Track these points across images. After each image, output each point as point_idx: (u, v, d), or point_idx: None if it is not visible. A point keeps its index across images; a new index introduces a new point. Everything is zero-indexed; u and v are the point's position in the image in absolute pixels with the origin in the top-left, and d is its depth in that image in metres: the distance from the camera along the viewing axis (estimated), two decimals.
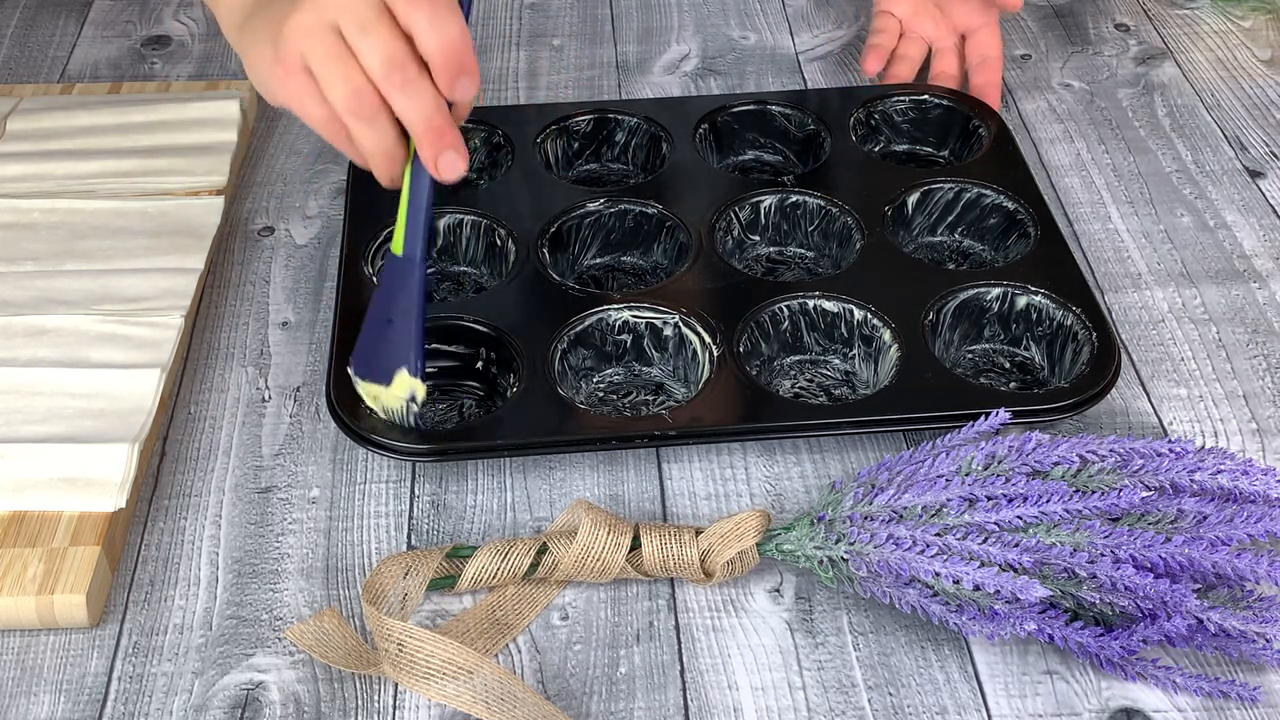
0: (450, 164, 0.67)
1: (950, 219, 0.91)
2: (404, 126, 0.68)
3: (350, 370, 0.75)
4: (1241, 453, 0.78)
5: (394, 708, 0.66)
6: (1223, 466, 0.69)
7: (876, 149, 0.99)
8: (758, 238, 0.91)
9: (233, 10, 0.74)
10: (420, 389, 0.72)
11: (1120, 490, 0.66)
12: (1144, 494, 0.67)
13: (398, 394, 0.73)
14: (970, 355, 0.84)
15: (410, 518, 0.75)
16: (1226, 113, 1.05)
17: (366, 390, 0.74)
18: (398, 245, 0.72)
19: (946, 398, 0.76)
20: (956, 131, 0.99)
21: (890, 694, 0.66)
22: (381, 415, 0.74)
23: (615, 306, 0.81)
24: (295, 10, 0.66)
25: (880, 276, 0.84)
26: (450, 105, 0.68)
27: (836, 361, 0.83)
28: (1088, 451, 0.68)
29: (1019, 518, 0.66)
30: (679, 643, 0.69)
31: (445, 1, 0.64)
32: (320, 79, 0.67)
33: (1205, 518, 0.67)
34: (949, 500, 0.67)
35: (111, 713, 0.66)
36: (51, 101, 1.00)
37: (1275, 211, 0.95)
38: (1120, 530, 0.65)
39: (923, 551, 0.65)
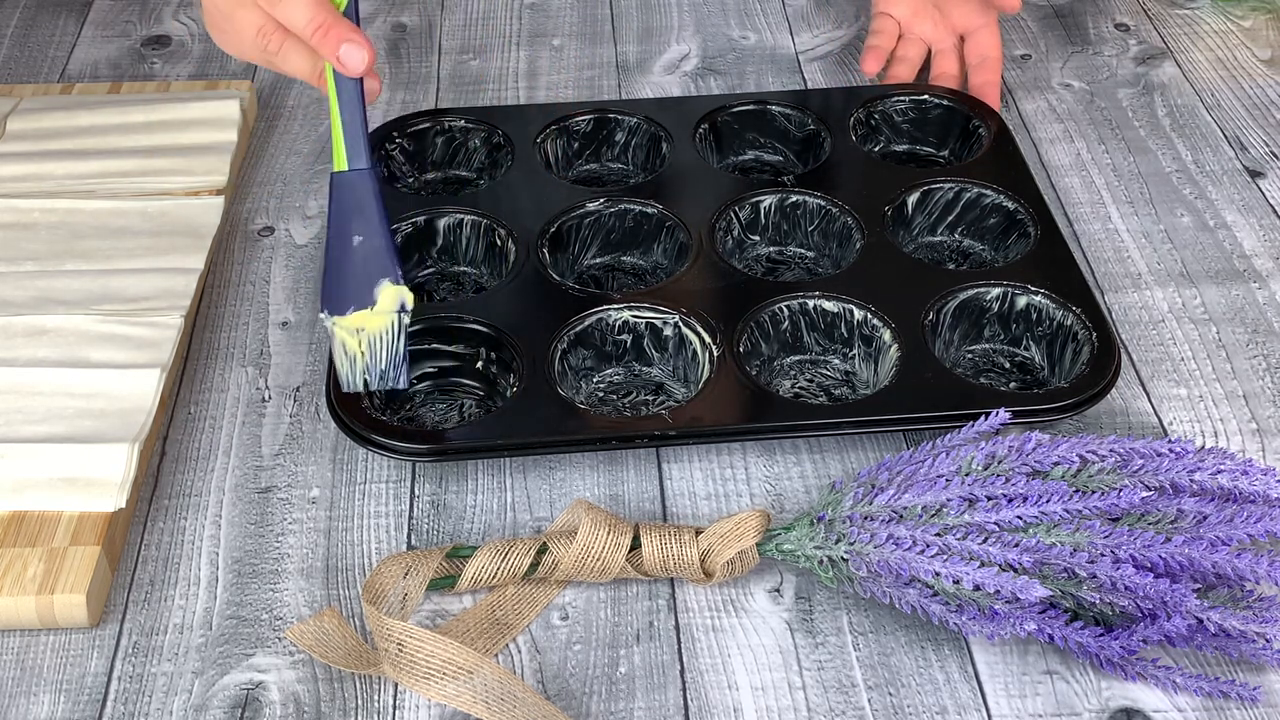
0: (350, 55, 0.69)
1: (950, 219, 0.91)
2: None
3: (324, 315, 0.70)
4: (1241, 453, 0.78)
5: (394, 708, 0.66)
6: (1223, 466, 0.68)
7: (876, 149, 0.99)
8: (758, 238, 0.91)
9: None
10: (408, 295, 0.69)
11: (1120, 490, 0.66)
12: (1144, 494, 0.67)
13: (386, 308, 0.69)
14: (970, 355, 0.84)
15: (410, 518, 0.75)
16: (1226, 113, 1.05)
17: (349, 324, 0.69)
18: (341, 161, 0.69)
19: (946, 398, 0.76)
20: (956, 131, 0.99)
21: (890, 694, 0.66)
22: (366, 356, 0.69)
23: (615, 306, 0.81)
24: None
25: (880, 276, 0.84)
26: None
27: (836, 361, 0.83)
28: (1088, 451, 0.68)
29: (1019, 518, 0.66)
30: (679, 643, 0.69)
31: None
32: (232, 25, 0.71)
33: (1205, 518, 0.67)
34: (949, 500, 0.67)
35: (111, 713, 0.66)
36: (51, 101, 1.00)
37: (1275, 211, 0.95)
38: (1120, 530, 0.65)
39: (923, 551, 0.65)
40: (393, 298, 0.69)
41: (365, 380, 0.71)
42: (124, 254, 0.87)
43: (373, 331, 0.70)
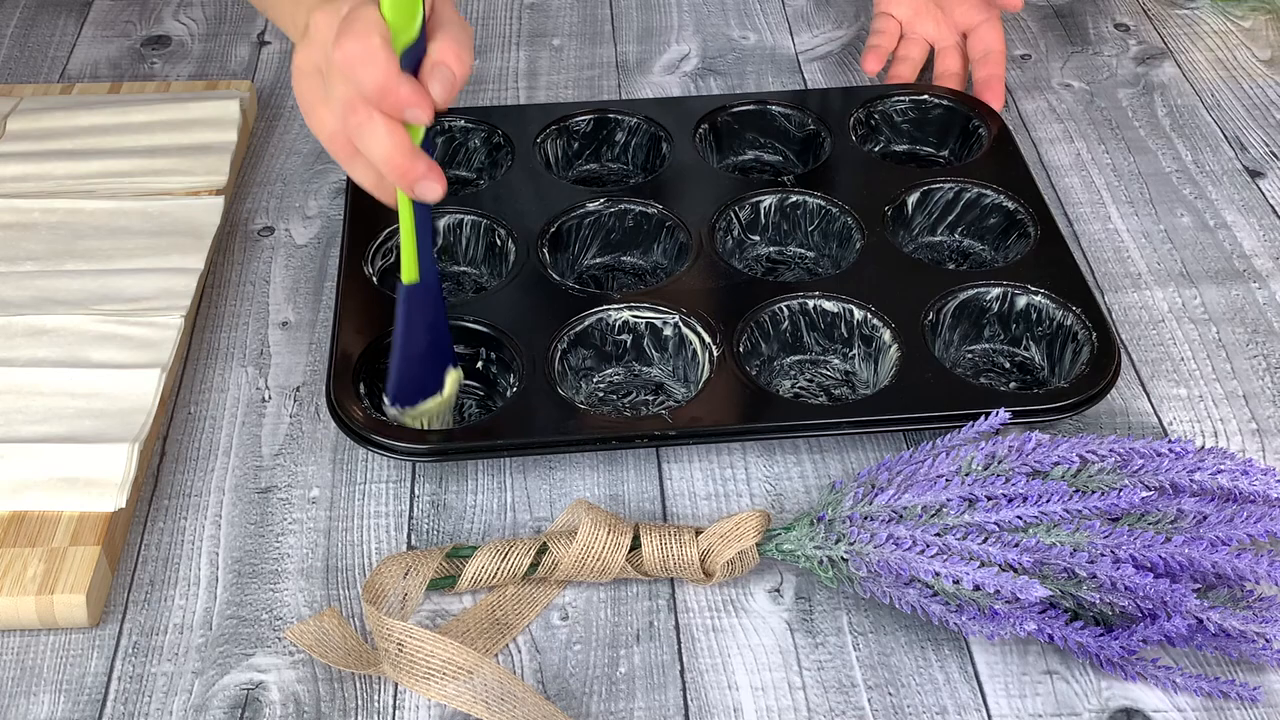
0: (427, 191, 0.68)
1: (950, 219, 0.91)
2: None
3: (395, 409, 0.74)
4: (1241, 453, 0.78)
5: (394, 708, 0.66)
6: (1223, 466, 0.68)
7: (876, 149, 0.99)
8: (758, 238, 0.91)
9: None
10: (459, 371, 0.76)
11: (1120, 490, 0.66)
12: (1144, 494, 0.67)
13: (451, 390, 0.75)
14: (970, 355, 0.84)
15: (410, 518, 0.75)
16: (1226, 113, 1.05)
17: (417, 413, 0.75)
18: (411, 274, 0.72)
19: (946, 398, 0.76)
20: (956, 131, 0.99)
21: (890, 694, 0.66)
22: (429, 423, 0.76)
23: (615, 306, 0.81)
24: (299, 45, 0.69)
25: (880, 276, 0.84)
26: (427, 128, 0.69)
27: (836, 361, 0.83)
28: (1088, 451, 0.68)
29: (1019, 518, 0.66)
30: (679, 643, 0.69)
31: (365, 44, 0.64)
32: (310, 120, 0.70)
33: (1205, 518, 0.67)
34: (949, 500, 0.67)
35: (111, 713, 0.66)
36: (51, 101, 1.00)
37: (1275, 211, 0.95)
38: (1120, 530, 0.65)
39: (923, 551, 0.65)
40: (455, 381, 0.76)
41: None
42: (124, 254, 0.87)
43: (440, 410, 0.76)
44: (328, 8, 0.67)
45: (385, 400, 0.75)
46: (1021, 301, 0.83)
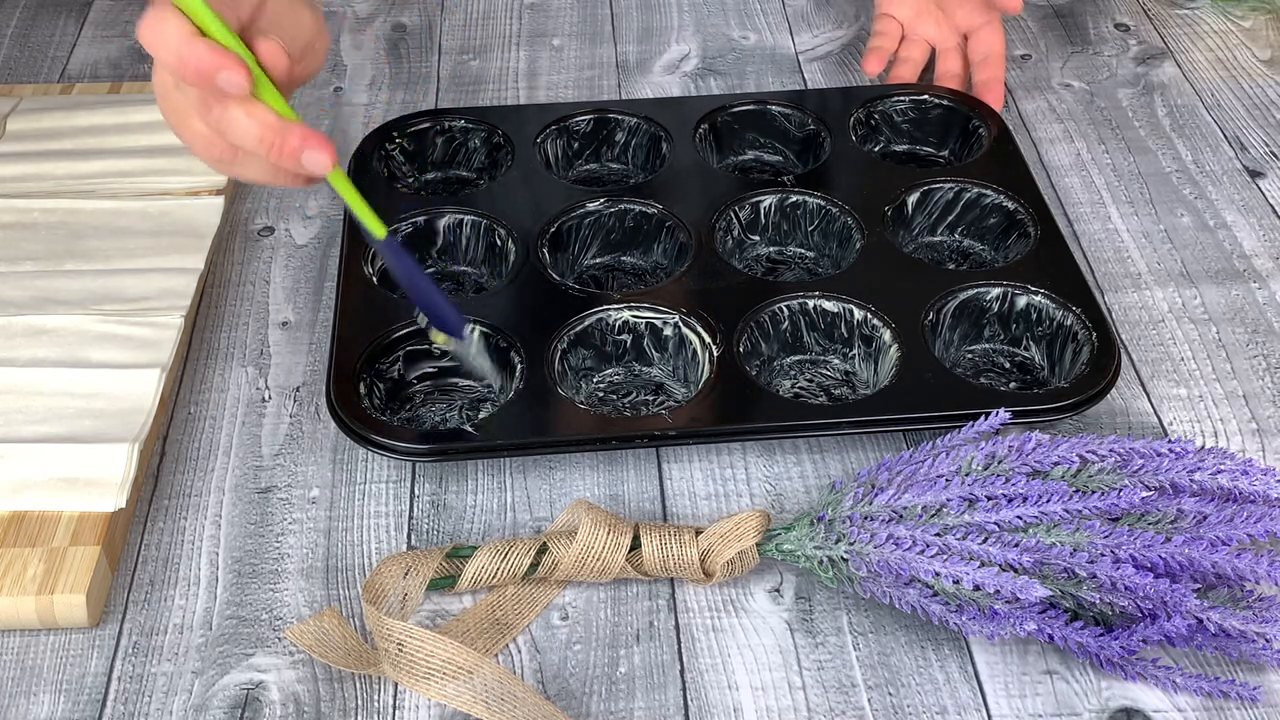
0: (314, 163, 0.66)
1: (950, 219, 0.91)
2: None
3: (470, 329, 0.75)
4: (1241, 453, 0.78)
5: (394, 708, 0.66)
6: (1223, 466, 0.68)
7: (876, 149, 0.99)
8: (758, 238, 0.91)
9: None
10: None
11: (1120, 490, 0.66)
12: (1144, 494, 0.67)
13: (476, 340, 0.76)
14: (970, 355, 0.84)
15: (410, 518, 0.75)
16: (1226, 113, 1.05)
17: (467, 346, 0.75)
18: (380, 229, 0.70)
19: (946, 398, 0.76)
20: (956, 131, 0.99)
21: (890, 694, 0.66)
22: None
23: (615, 306, 0.81)
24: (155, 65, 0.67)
25: (880, 276, 0.84)
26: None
27: (836, 361, 0.83)
28: (1088, 451, 0.68)
29: (1019, 518, 0.66)
30: (679, 643, 0.69)
31: (155, 23, 0.63)
32: (183, 137, 0.67)
33: (1205, 518, 0.67)
34: (949, 500, 0.67)
35: (111, 713, 0.66)
36: (51, 101, 1.00)
37: (1275, 211, 0.95)
38: (1120, 530, 0.65)
39: (923, 551, 0.65)
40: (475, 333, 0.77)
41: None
42: (124, 254, 0.87)
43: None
44: (144, 20, 0.65)
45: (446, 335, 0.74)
46: (1021, 301, 0.83)
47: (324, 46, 0.69)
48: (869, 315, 0.81)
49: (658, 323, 0.81)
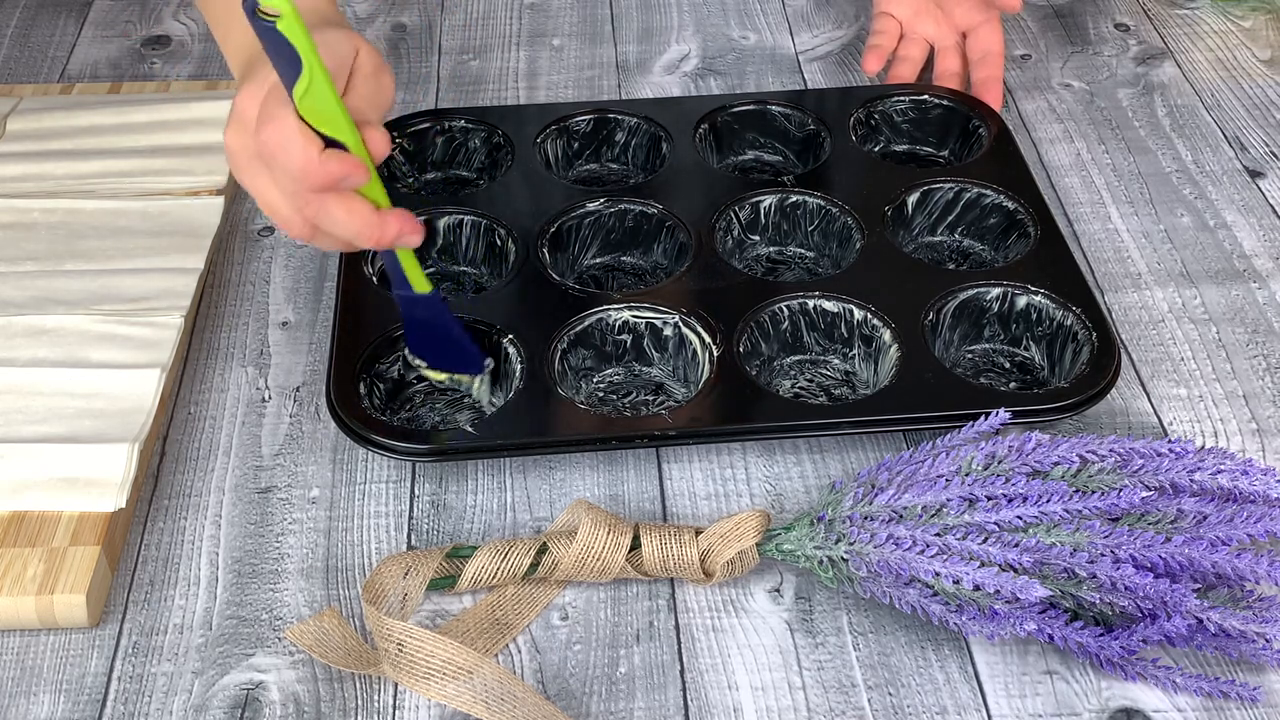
0: (407, 242, 0.69)
1: (950, 219, 0.91)
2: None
3: (418, 361, 0.78)
4: (1241, 453, 0.78)
5: (394, 708, 0.66)
6: (1223, 466, 0.68)
7: (876, 149, 0.99)
8: (758, 238, 0.91)
9: (234, 63, 0.75)
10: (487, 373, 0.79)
11: (1120, 490, 0.66)
12: (1144, 494, 0.67)
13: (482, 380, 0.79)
14: (970, 355, 0.84)
15: (410, 518, 0.75)
16: (1226, 113, 1.05)
17: (444, 376, 0.78)
18: (424, 284, 0.74)
19: (946, 398, 0.76)
20: (956, 131, 0.99)
21: (890, 694, 0.66)
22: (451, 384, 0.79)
23: (615, 306, 0.81)
24: (230, 124, 0.66)
25: (880, 276, 0.84)
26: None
27: (836, 361, 0.83)
28: (1088, 451, 0.68)
29: (1019, 518, 0.66)
30: (679, 643, 0.69)
31: (281, 128, 0.63)
32: (264, 206, 0.68)
33: (1205, 518, 0.67)
34: (949, 500, 0.67)
35: (111, 713, 0.66)
36: (51, 101, 1.00)
37: (1275, 211, 0.95)
38: (1120, 530, 0.65)
39: (923, 551, 0.65)
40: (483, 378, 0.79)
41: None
42: (124, 254, 0.87)
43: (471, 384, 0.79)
44: (249, 86, 0.66)
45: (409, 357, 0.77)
46: (1021, 301, 0.83)
47: (393, 98, 0.70)
48: (869, 315, 0.81)
49: (658, 323, 0.81)
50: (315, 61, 0.61)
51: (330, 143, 0.64)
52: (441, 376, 0.78)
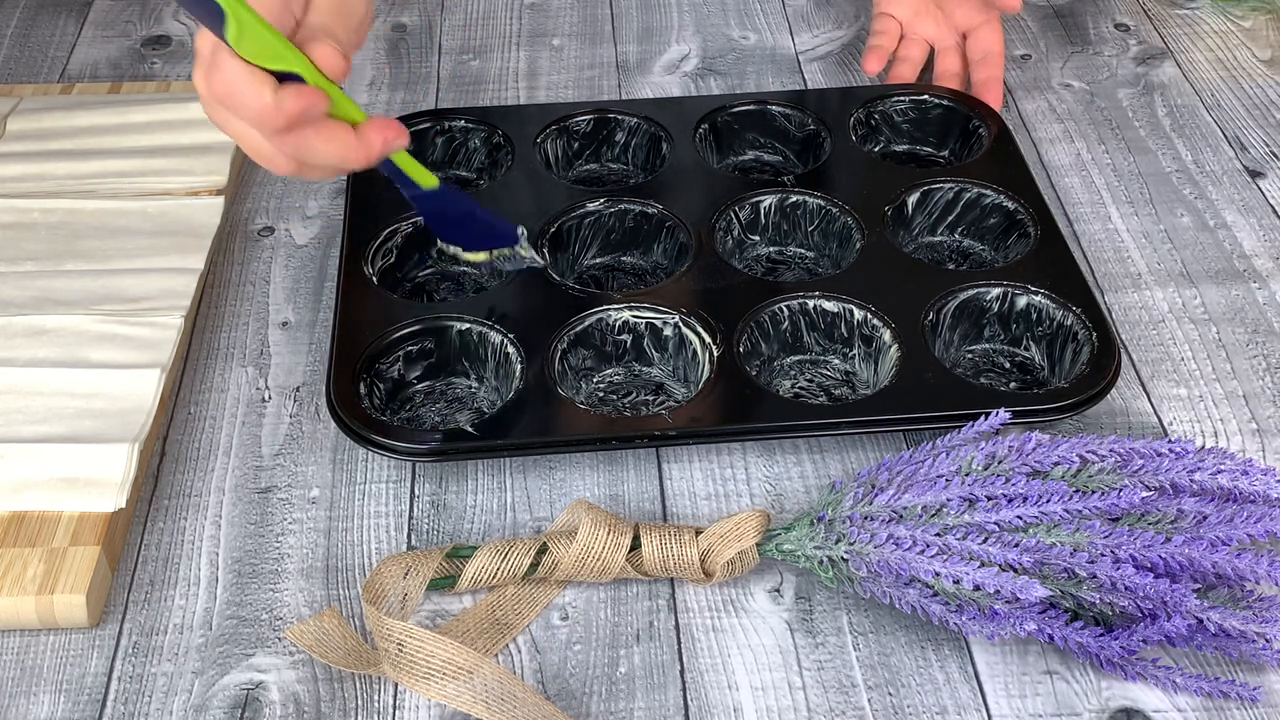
0: (394, 148, 0.68)
1: (950, 219, 0.91)
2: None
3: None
4: (1241, 453, 0.78)
5: (394, 708, 0.66)
6: (1223, 466, 0.68)
7: (876, 149, 0.99)
8: (758, 238, 0.91)
9: None
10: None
11: (1120, 490, 0.66)
12: (1144, 494, 0.67)
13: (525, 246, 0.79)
14: (970, 355, 0.84)
15: (410, 518, 0.75)
16: (1226, 113, 1.05)
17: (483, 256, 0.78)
18: (430, 179, 0.73)
19: (946, 398, 0.76)
20: (956, 131, 0.99)
21: (890, 694, 0.66)
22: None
23: (615, 306, 0.81)
24: (195, 70, 0.65)
25: (880, 276, 0.84)
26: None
27: (836, 361, 0.83)
28: (1088, 451, 0.68)
29: (1019, 518, 0.66)
30: (679, 643, 0.69)
31: (227, 76, 0.62)
32: (245, 149, 0.66)
33: (1205, 518, 0.67)
34: (949, 500, 0.67)
35: (111, 713, 0.66)
36: (51, 101, 1.00)
37: (1275, 211, 0.95)
38: (1120, 530, 0.65)
39: (923, 551, 0.65)
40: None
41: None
42: (124, 254, 0.87)
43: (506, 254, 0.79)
44: (201, 33, 0.64)
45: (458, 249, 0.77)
46: (1021, 301, 0.83)
47: (371, 12, 0.69)
48: (869, 315, 0.81)
49: (658, 323, 0.81)
50: (237, 5, 0.60)
51: (285, 76, 0.62)
52: (482, 256, 0.77)
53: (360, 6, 0.68)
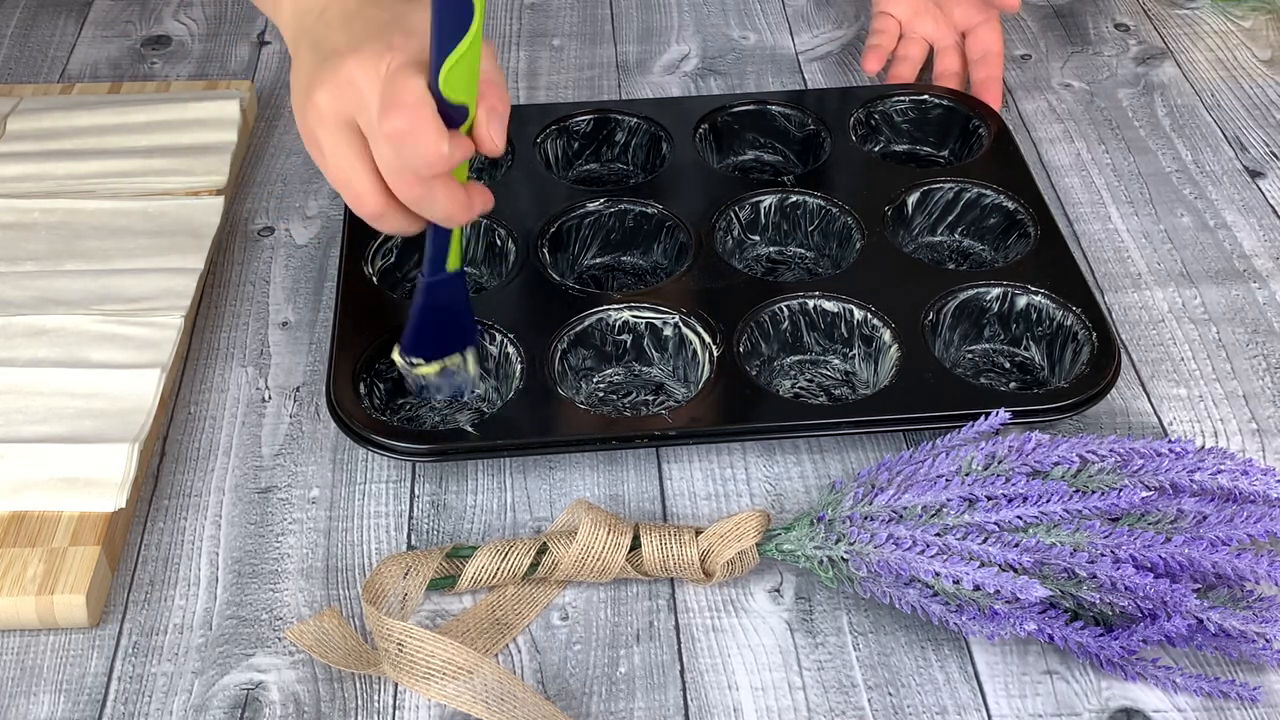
0: (485, 211, 0.68)
1: (950, 219, 0.91)
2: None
3: (405, 360, 0.76)
4: (1241, 453, 0.78)
5: (394, 708, 0.66)
6: (1223, 466, 0.68)
7: (876, 149, 0.99)
8: (758, 238, 0.91)
9: (289, 30, 0.72)
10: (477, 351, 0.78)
11: (1120, 490, 0.66)
12: (1144, 494, 0.67)
13: (471, 361, 0.78)
14: (970, 355, 0.84)
15: (410, 518, 0.75)
16: (1226, 113, 1.05)
17: (431, 370, 0.76)
18: (458, 261, 0.73)
19: (946, 398, 0.76)
20: (956, 131, 0.99)
21: (890, 694, 0.66)
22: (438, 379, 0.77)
23: (615, 306, 0.81)
24: (316, 88, 0.64)
25: (880, 276, 0.84)
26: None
27: (836, 361, 0.83)
28: (1088, 451, 0.68)
29: (1019, 518, 0.66)
30: (679, 643, 0.69)
31: (414, 120, 0.61)
32: (338, 179, 0.66)
33: (1205, 518, 0.67)
34: (949, 500, 0.67)
35: (111, 713, 0.66)
36: (51, 101, 1.00)
37: (1275, 211, 0.95)
38: (1120, 530, 0.65)
39: (923, 551, 0.65)
40: (473, 356, 0.78)
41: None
42: (124, 254, 0.87)
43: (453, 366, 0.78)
44: (361, 55, 0.63)
45: (400, 355, 0.76)
46: (1021, 301, 0.83)
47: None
48: (869, 315, 0.81)
49: (658, 323, 0.81)
50: (482, 13, 0.59)
51: (449, 112, 0.62)
52: (433, 369, 0.76)
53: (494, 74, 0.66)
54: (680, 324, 0.81)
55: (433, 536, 0.74)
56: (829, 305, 0.82)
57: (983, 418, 0.71)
